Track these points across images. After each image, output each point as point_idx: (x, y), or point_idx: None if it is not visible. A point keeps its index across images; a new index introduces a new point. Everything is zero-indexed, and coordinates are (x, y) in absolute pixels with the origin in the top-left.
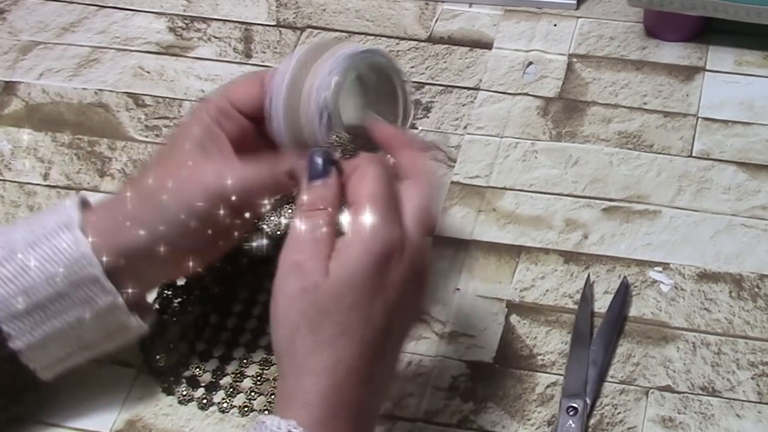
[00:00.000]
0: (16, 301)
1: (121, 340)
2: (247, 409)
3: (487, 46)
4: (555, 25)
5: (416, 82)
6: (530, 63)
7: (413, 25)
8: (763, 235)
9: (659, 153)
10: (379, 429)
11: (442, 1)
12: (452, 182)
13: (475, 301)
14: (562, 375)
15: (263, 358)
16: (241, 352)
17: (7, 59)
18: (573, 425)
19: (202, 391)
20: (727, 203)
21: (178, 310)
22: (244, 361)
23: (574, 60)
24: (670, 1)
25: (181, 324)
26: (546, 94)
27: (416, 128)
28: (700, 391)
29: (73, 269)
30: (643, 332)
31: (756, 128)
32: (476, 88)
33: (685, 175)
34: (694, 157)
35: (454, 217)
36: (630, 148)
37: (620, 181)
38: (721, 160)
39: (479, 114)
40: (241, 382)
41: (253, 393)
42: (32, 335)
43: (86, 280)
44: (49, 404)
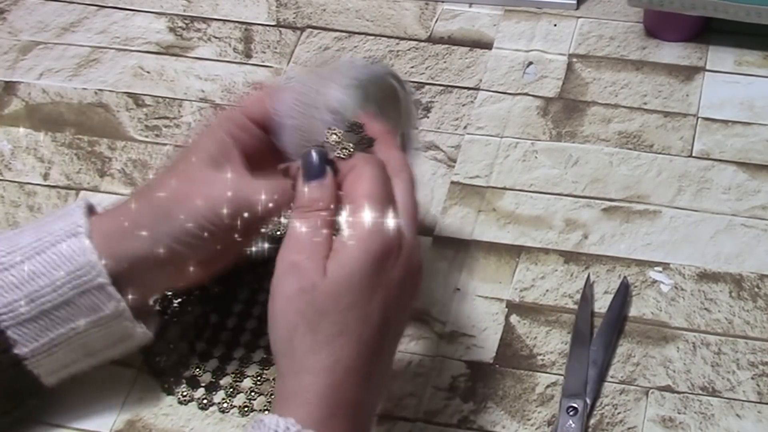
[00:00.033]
0: (22, 307)
1: (125, 348)
2: (247, 409)
3: (487, 46)
4: (555, 25)
5: (416, 82)
6: (530, 63)
7: (413, 25)
8: (763, 235)
9: (659, 153)
10: (379, 429)
11: (442, 1)
12: (452, 182)
13: (475, 301)
14: (562, 375)
15: (263, 358)
16: (241, 352)
17: (7, 59)
18: (573, 425)
19: (202, 391)
20: (727, 203)
21: (178, 310)
22: (244, 361)
23: (574, 60)
24: (670, 1)
25: (181, 324)
26: (546, 94)
27: (417, 129)
28: (700, 391)
29: (79, 276)
30: (643, 332)
31: (756, 128)
32: (476, 88)
33: (685, 175)
34: (694, 157)
35: (454, 217)
36: (630, 148)
37: (620, 181)
38: (721, 160)
39: (479, 114)
40: (241, 382)
41: (253, 393)
42: (37, 342)
43: (92, 288)
44: (50, 404)
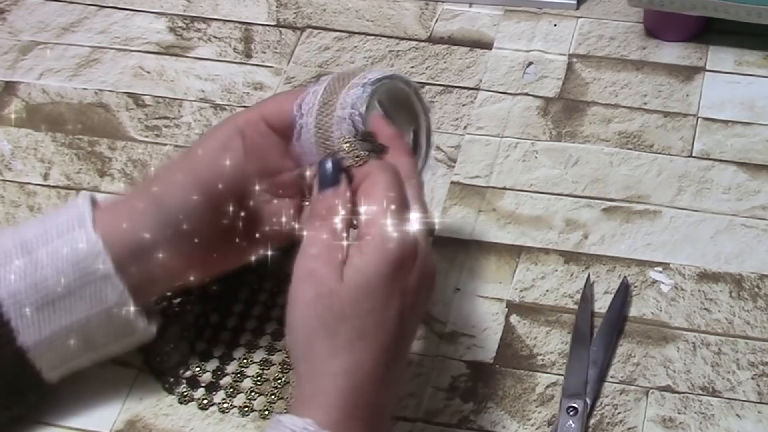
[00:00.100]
0: (27, 297)
1: (127, 342)
2: (247, 409)
3: (487, 46)
4: (555, 25)
5: (416, 82)
6: (530, 63)
7: (413, 25)
8: (764, 235)
9: (659, 153)
10: None
11: (442, 1)
12: (452, 182)
13: (475, 301)
14: (562, 375)
15: (263, 358)
16: (241, 352)
17: (7, 59)
18: (573, 425)
19: (202, 391)
20: (728, 203)
21: (178, 310)
22: (244, 361)
23: (574, 60)
24: (670, 1)
25: (181, 324)
26: (546, 94)
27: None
28: (700, 391)
29: (84, 265)
30: (643, 332)
31: (756, 128)
32: (476, 88)
33: (686, 175)
34: (694, 157)
35: (454, 217)
36: (630, 148)
37: (620, 181)
38: (721, 160)
39: (479, 114)
40: (241, 382)
41: (254, 393)
42: (40, 332)
43: (96, 277)
44: (50, 404)
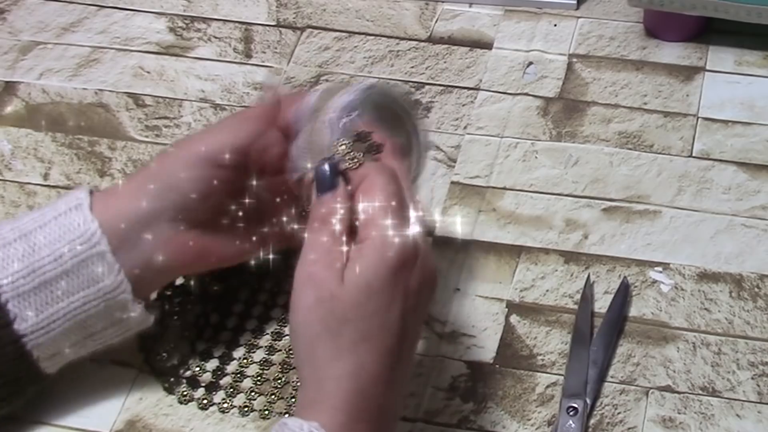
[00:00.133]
0: (23, 278)
1: (124, 328)
2: (247, 409)
3: (487, 46)
4: (555, 25)
5: (416, 82)
6: (530, 63)
7: (413, 25)
8: (764, 235)
9: (659, 153)
10: None
11: (442, 1)
12: (452, 182)
13: (475, 301)
14: (562, 375)
15: (263, 358)
16: (241, 352)
17: (7, 59)
18: (573, 425)
19: (202, 391)
20: (728, 203)
21: (178, 310)
22: (244, 361)
23: (574, 60)
24: (670, 1)
25: (181, 324)
26: (546, 94)
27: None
28: (700, 391)
29: (80, 246)
30: (643, 332)
31: (756, 128)
32: (476, 88)
33: (686, 175)
34: (694, 157)
35: (454, 217)
36: (630, 148)
37: (620, 181)
38: (721, 160)
39: (479, 114)
40: (241, 382)
41: (254, 393)
42: (38, 317)
43: (92, 256)
44: (49, 404)
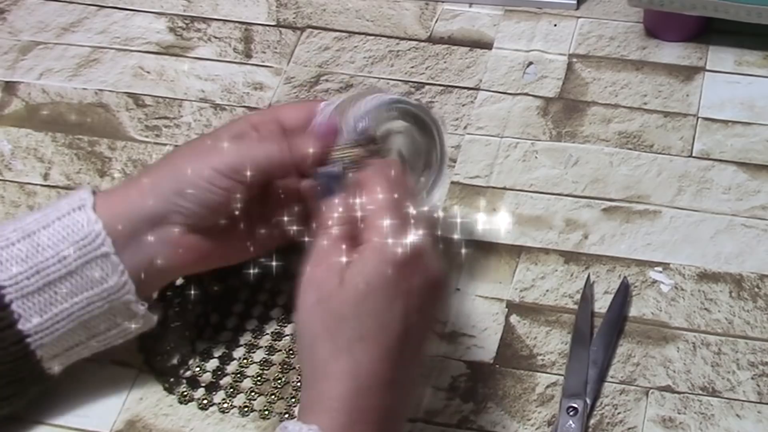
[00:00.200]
0: (27, 279)
1: (127, 328)
2: (247, 409)
3: (487, 46)
4: (555, 25)
5: (416, 82)
6: (530, 63)
7: (413, 25)
8: (763, 235)
9: (659, 153)
10: None
11: (442, 1)
12: (452, 182)
13: (475, 301)
14: (562, 375)
15: (263, 358)
16: (241, 352)
17: (7, 59)
18: (573, 425)
19: (202, 391)
20: (728, 203)
21: (178, 310)
22: (244, 361)
23: (574, 60)
24: (670, 1)
25: (181, 324)
26: (546, 94)
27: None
28: (700, 391)
29: (84, 246)
30: (643, 332)
31: (756, 128)
32: (476, 88)
33: (685, 175)
34: (694, 157)
35: (454, 217)
36: (630, 148)
37: (620, 181)
38: (721, 160)
39: (479, 114)
40: (241, 382)
41: (253, 393)
42: (41, 315)
43: (96, 257)
44: (50, 404)
